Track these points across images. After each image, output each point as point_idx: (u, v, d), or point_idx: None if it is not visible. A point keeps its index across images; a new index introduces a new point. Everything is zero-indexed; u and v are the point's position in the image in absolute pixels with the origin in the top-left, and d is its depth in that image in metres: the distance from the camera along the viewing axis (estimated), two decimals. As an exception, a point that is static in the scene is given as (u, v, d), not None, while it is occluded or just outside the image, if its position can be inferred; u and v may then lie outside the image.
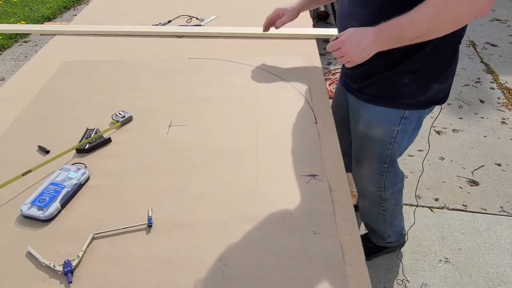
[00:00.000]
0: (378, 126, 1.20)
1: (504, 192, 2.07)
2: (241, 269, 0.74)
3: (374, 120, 1.19)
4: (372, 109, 1.17)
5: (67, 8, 4.71)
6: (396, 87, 1.10)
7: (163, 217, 0.84)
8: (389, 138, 1.21)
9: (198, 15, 1.79)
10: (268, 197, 0.89)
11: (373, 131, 1.22)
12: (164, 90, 1.26)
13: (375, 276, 1.67)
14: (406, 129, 1.19)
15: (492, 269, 1.69)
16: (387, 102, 1.13)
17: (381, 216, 1.52)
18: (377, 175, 1.35)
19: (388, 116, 1.16)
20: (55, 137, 1.07)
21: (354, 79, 1.19)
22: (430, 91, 1.10)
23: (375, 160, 1.31)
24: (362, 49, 0.94)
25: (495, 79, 3.07)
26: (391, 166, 1.32)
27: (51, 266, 0.74)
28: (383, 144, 1.24)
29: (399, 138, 1.21)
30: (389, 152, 1.26)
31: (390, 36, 0.93)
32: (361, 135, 1.27)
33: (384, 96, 1.13)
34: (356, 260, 0.76)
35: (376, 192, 1.42)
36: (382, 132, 1.20)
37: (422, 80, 1.08)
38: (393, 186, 1.41)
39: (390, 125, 1.18)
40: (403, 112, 1.14)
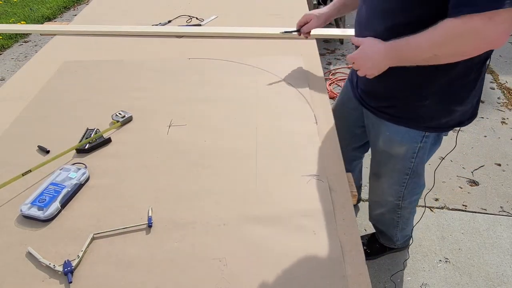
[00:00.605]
0: (399, 144, 1.17)
1: (504, 192, 2.07)
2: (241, 269, 0.74)
3: (395, 138, 1.17)
4: (392, 128, 1.14)
5: (67, 8, 4.71)
6: (417, 109, 1.07)
7: (163, 217, 0.84)
8: (411, 154, 1.19)
9: (198, 15, 1.79)
10: (268, 197, 0.89)
11: (395, 148, 1.20)
12: (164, 90, 1.26)
13: (375, 276, 1.67)
14: (428, 145, 1.17)
15: (492, 269, 1.69)
16: (408, 123, 1.11)
17: (394, 223, 1.52)
18: (398, 186, 1.33)
19: (409, 135, 1.14)
20: (55, 137, 1.06)
21: (373, 97, 1.17)
22: (454, 113, 1.07)
23: (396, 174, 1.29)
24: (373, 65, 0.98)
25: (495, 79, 3.07)
26: (413, 178, 1.29)
27: (51, 266, 0.74)
28: (405, 159, 1.22)
29: (421, 153, 1.19)
30: (411, 165, 1.23)
31: (399, 55, 0.94)
32: (381, 151, 1.25)
33: (405, 117, 1.11)
34: (356, 260, 0.76)
35: (394, 202, 1.40)
36: (404, 150, 1.18)
37: (445, 103, 1.05)
38: (412, 196, 1.39)
39: (412, 143, 1.16)
40: (424, 133, 1.12)
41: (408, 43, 0.90)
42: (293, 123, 1.11)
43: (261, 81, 1.29)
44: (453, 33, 0.82)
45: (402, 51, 0.92)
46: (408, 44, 0.90)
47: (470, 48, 0.84)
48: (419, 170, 1.27)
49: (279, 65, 1.38)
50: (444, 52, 0.86)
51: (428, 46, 0.87)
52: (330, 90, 2.90)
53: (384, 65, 0.98)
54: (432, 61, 0.90)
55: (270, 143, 1.04)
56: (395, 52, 0.94)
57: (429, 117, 1.08)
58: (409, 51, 0.91)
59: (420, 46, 0.88)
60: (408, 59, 0.93)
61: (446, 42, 0.84)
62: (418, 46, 0.88)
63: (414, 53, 0.90)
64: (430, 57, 0.88)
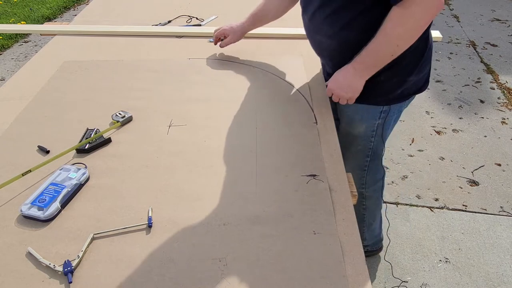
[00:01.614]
0: (359, 122, 1.23)
1: (504, 192, 2.07)
2: (241, 269, 0.74)
3: (356, 117, 1.23)
4: (352, 107, 1.18)
5: (67, 8, 4.71)
6: (373, 85, 1.11)
7: (163, 217, 0.84)
8: (371, 132, 1.24)
9: (198, 15, 1.79)
10: (268, 197, 0.89)
11: (355, 128, 1.25)
12: (164, 90, 1.26)
13: (375, 276, 1.67)
14: (386, 122, 1.22)
15: (492, 269, 1.69)
16: (366, 99, 1.15)
17: (360, 216, 1.52)
18: (359, 170, 1.37)
19: (368, 112, 1.20)
20: (55, 137, 1.06)
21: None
22: (407, 83, 1.13)
23: (358, 156, 1.33)
24: (350, 89, 1.06)
25: (495, 79, 3.07)
26: (373, 160, 1.34)
27: (51, 266, 0.74)
28: (364, 139, 1.27)
29: (379, 131, 1.24)
30: (371, 145, 1.28)
31: (368, 66, 1.01)
32: (344, 132, 1.30)
33: (362, 94, 1.12)
34: (356, 260, 0.76)
35: (358, 190, 1.42)
36: (364, 128, 1.24)
37: (398, 75, 1.11)
38: (374, 182, 1.43)
39: (371, 120, 1.21)
40: (382, 107, 1.18)
41: (369, 51, 0.97)
42: (293, 123, 1.11)
43: (261, 81, 1.29)
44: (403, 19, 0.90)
45: (368, 61, 1.00)
46: (369, 51, 0.97)
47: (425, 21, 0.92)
48: (379, 151, 1.32)
49: (279, 65, 1.38)
50: (405, 38, 0.93)
51: (388, 42, 0.94)
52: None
53: (360, 84, 1.05)
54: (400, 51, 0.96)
55: (270, 143, 1.04)
56: (363, 65, 1.01)
57: (385, 91, 1.14)
58: (374, 57, 0.98)
59: (381, 47, 0.95)
60: (377, 64, 1.00)
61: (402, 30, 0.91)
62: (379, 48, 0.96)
63: (379, 56, 0.98)
64: (395, 49, 0.95)
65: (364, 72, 1.02)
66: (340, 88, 1.07)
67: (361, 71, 1.02)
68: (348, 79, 1.05)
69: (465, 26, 3.93)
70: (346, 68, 1.04)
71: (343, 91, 1.07)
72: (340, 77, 1.06)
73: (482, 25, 3.96)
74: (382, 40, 0.95)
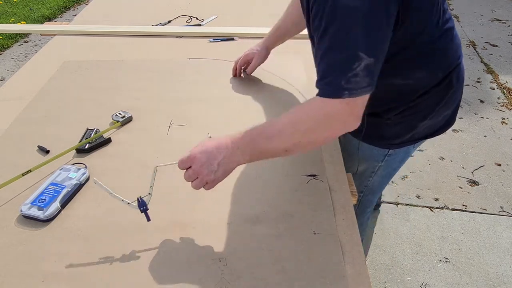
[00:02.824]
0: (359, 161, 1.13)
1: (504, 192, 2.07)
2: (241, 269, 0.74)
3: (356, 154, 1.12)
4: (354, 143, 1.09)
5: (67, 8, 4.71)
6: (379, 126, 1.00)
7: (163, 217, 0.84)
8: (370, 172, 1.15)
9: (198, 15, 1.79)
10: (268, 197, 0.89)
11: (354, 165, 1.15)
12: (164, 90, 1.26)
13: (375, 276, 1.67)
14: (389, 164, 1.11)
15: (492, 269, 1.69)
16: (370, 140, 1.05)
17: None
18: None
19: (371, 153, 1.08)
20: (55, 137, 1.06)
21: None
22: (418, 128, 1.00)
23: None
24: (218, 165, 0.76)
25: (495, 79, 3.07)
26: (367, 195, 1.24)
27: (126, 202, 0.77)
28: (362, 177, 1.17)
29: (380, 172, 1.14)
30: (367, 183, 1.19)
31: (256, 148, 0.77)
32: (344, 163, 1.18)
33: (367, 135, 1.03)
34: (356, 260, 0.76)
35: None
36: (364, 167, 1.14)
37: (408, 120, 0.98)
38: (363, 215, 1.34)
39: (373, 162, 1.11)
40: (387, 151, 1.06)
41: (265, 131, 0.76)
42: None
43: (261, 81, 1.29)
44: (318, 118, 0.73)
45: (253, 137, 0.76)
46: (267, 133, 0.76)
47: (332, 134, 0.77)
48: (375, 188, 1.22)
49: (279, 65, 1.37)
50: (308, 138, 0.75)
51: (292, 133, 0.74)
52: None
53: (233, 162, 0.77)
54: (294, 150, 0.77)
55: (270, 143, 1.04)
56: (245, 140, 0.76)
57: (392, 134, 1.02)
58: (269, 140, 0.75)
59: (282, 133, 0.74)
60: (269, 150, 0.77)
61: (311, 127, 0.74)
62: (280, 133, 0.75)
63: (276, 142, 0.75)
64: (294, 144, 0.75)
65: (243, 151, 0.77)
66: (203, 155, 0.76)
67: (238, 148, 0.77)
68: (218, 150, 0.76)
69: (465, 26, 3.92)
70: (221, 138, 0.78)
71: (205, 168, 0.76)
72: (211, 144, 0.77)
73: (482, 25, 3.96)
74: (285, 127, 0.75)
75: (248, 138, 0.77)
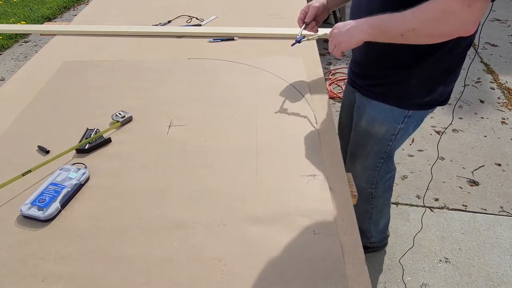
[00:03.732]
0: (381, 123, 1.21)
1: (504, 192, 2.07)
2: (241, 269, 0.74)
3: (378, 117, 1.21)
4: (377, 107, 1.18)
5: (67, 8, 4.71)
6: (403, 88, 1.11)
7: (163, 217, 0.84)
8: (390, 135, 1.23)
9: (198, 15, 1.79)
10: (268, 197, 0.89)
11: (376, 128, 1.23)
12: (164, 90, 1.26)
13: (375, 276, 1.67)
14: (407, 127, 1.21)
15: (492, 269, 1.69)
16: (394, 101, 1.15)
17: (368, 214, 1.53)
18: (371, 170, 1.36)
19: (392, 115, 1.18)
20: (55, 137, 1.06)
21: (362, 77, 1.21)
22: (435, 92, 1.12)
23: (371, 156, 1.32)
24: (347, 30, 0.96)
25: (495, 79, 3.07)
26: (386, 162, 1.33)
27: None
28: (383, 141, 1.25)
29: (399, 136, 1.23)
30: (387, 149, 1.28)
31: (377, 24, 0.92)
32: (362, 131, 1.28)
33: (391, 95, 1.14)
34: (356, 260, 0.76)
35: (367, 189, 1.43)
36: (385, 130, 1.22)
37: (430, 82, 1.10)
38: (384, 182, 1.42)
39: (393, 123, 1.20)
40: (407, 111, 1.16)
41: (392, 15, 0.90)
42: (293, 123, 1.11)
43: (261, 81, 1.29)
44: (436, 11, 0.83)
45: (380, 20, 0.92)
46: (392, 16, 0.90)
47: (447, 30, 0.85)
48: (392, 153, 1.31)
49: (279, 65, 1.38)
50: (423, 29, 0.87)
51: (411, 20, 0.87)
52: (330, 90, 2.90)
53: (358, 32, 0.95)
54: (409, 37, 0.90)
55: (270, 143, 1.04)
56: (374, 21, 0.92)
57: (414, 95, 1.12)
58: (391, 21, 0.90)
59: (403, 19, 0.87)
60: (388, 30, 0.91)
61: (428, 18, 0.84)
62: (401, 18, 0.88)
63: (395, 24, 0.89)
64: (409, 31, 0.88)
65: (367, 28, 0.94)
66: (339, 32, 0.98)
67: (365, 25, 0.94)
68: (356, 31, 0.95)
69: (465, 26, 3.92)
70: (358, 20, 0.96)
71: (341, 36, 0.97)
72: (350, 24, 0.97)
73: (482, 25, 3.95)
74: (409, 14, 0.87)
75: (377, 16, 0.92)
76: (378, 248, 1.74)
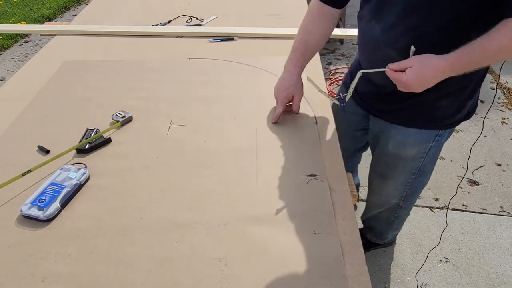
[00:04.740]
0: (411, 146, 1.15)
1: (504, 192, 2.07)
2: (241, 269, 0.74)
3: (408, 141, 1.14)
4: (404, 131, 1.11)
5: (67, 8, 4.71)
6: (433, 111, 1.05)
7: (163, 217, 0.84)
8: (422, 154, 1.17)
9: (198, 15, 1.79)
10: (268, 197, 0.89)
11: (406, 151, 1.17)
12: (164, 90, 1.26)
13: (375, 276, 1.67)
14: (439, 143, 1.15)
15: (492, 269, 1.69)
16: (423, 125, 1.09)
17: (389, 221, 1.52)
18: (403, 186, 1.31)
19: (422, 136, 1.12)
20: (55, 137, 1.06)
21: (383, 101, 1.12)
22: (464, 108, 1.07)
23: (403, 175, 1.27)
24: (425, 85, 0.86)
25: (495, 79, 3.07)
26: (419, 177, 1.26)
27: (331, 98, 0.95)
28: (415, 159, 1.19)
29: (431, 152, 1.17)
30: (419, 165, 1.21)
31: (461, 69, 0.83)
32: (391, 154, 1.21)
33: (419, 119, 1.08)
34: (356, 260, 0.76)
35: (396, 202, 1.39)
36: (416, 151, 1.16)
37: (460, 100, 1.04)
38: (414, 196, 1.37)
39: (424, 144, 1.14)
40: (438, 131, 1.10)
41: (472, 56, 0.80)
42: (293, 123, 1.11)
43: (261, 81, 1.29)
44: None
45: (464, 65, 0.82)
46: (472, 57, 0.81)
47: None
48: (427, 168, 1.24)
49: (279, 65, 1.37)
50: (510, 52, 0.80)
51: (496, 55, 0.80)
52: (330, 90, 2.90)
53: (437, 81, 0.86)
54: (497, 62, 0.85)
55: (270, 143, 1.04)
56: (465, 64, 0.83)
57: (445, 116, 1.07)
58: (471, 64, 0.82)
59: (485, 58, 0.81)
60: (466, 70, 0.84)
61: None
62: (482, 57, 0.80)
63: (476, 64, 0.82)
64: (493, 63, 0.84)
65: (455, 74, 0.85)
66: (424, 82, 0.85)
67: (454, 73, 0.84)
68: (435, 80, 0.85)
69: (465, 26, 3.92)
70: (440, 66, 0.83)
71: (424, 86, 0.86)
72: (428, 74, 0.84)
73: (482, 25, 3.96)
74: (506, 44, 0.78)
75: (466, 60, 0.81)
76: (387, 245, 1.76)
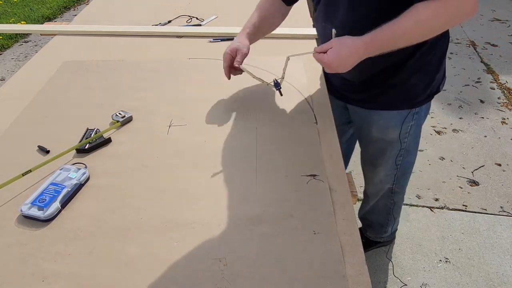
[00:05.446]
0: (394, 128, 1.21)
1: (504, 192, 2.07)
2: (241, 269, 0.74)
3: (390, 124, 1.21)
4: (386, 115, 1.18)
5: (67, 8, 4.71)
6: (407, 90, 1.11)
7: (163, 217, 0.84)
8: (404, 134, 1.23)
9: (198, 15, 1.79)
10: (268, 197, 0.89)
11: (389, 134, 1.23)
12: (164, 90, 1.26)
13: (375, 276, 1.67)
14: (418, 121, 1.22)
15: (492, 269, 1.69)
16: (401, 105, 1.15)
17: (387, 209, 1.54)
18: (392, 170, 1.36)
19: (402, 117, 1.18)
20: (55, 137, 1.06)
21: (358, 90, 1.18)
22: (434, 82, 1.13)
23: (391, 158, 1.32)
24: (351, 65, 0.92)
25: (495, 79, 3.07)
26: (405, 157, 1.32)
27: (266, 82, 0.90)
28: (398, 141, 1.25)
29: (412, 131, 1.23)
30: (404, 145, 1.27)
31: (378, 49, 0.89)
32: (377, 140, 1.28)
33: (396, 101, 1.14)
34: (356, 260, 0.76)
35: (387, 185, 1.43)
36: (398, 132, 1.22)
37: (428, 74, 1.10)
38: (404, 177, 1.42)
39: (405, 124, 1.20)
40: (415, 109, 1.17)
41: (389, 34, 0.86)
42: (293, 123, 1.11)
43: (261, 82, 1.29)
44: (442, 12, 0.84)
45: (382, 45, 0.89)
46: (390, 35, 0.86)
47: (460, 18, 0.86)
48: (411, 147, 1.30)
49: (279, 65, 1.37)
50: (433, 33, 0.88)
51: (416, 32, 0.86)
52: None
53: (358, 61, 0.92)
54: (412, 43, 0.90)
55: (270, 143, 1.04)
56: (375, 47, 0.89)
57: (416, 93, 1.13)
58: (391, 43, 0.88)
59: (404, 35, 0.86)
60: (387, 49, 0.90)
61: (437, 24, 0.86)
62: (402, 34, 0.86)
63: (396, 42, 0.88)
64: (415, 40, 0.89)
65: (375, 53, 0.90)
66: (343, 62, 0.91)
67: (372, 52, 0.90)
68: (352, 59, 0.90)
69: (465, 26, 3.92)
70: (355, 46, 0.89)
71: (345, 66, 0.92)
72: (345, 54, 0.90)
73: (482, 25, 3.96)
74: (411, 27, 0.85)
75: (378, 41, 0.87)
76: (388, 242, 1.76)
